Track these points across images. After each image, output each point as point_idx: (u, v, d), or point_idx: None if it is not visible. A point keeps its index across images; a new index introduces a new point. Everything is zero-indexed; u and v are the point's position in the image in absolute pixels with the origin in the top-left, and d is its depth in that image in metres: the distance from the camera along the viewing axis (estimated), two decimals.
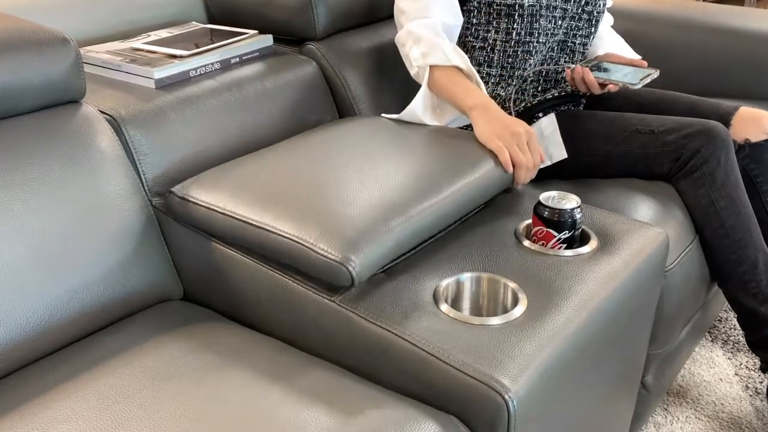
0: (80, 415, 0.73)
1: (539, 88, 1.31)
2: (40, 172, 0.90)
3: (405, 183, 0.93)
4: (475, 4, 1.23)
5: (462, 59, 1.13)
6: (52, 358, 0.86)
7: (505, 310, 0.84)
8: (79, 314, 0.89)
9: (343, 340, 0.82)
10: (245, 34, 1.29)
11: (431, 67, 1.12)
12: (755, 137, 1.19)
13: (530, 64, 1.25)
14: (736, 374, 1.43)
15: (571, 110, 1.28)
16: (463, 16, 1.25)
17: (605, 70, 1.19)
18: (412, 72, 1.18)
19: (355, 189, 0.91)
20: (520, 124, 1.04)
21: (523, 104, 1.28)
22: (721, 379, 1.41)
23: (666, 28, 1.65)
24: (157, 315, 0.94)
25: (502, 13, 1.21)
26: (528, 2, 1.19)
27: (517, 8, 1.19)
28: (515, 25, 1.21)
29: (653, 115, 1.22)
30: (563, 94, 1.28)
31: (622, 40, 1.35)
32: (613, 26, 1.45)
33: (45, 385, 0.79)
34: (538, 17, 1.20)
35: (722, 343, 1.52)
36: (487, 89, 1.26)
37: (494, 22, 1.22)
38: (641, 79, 1.14)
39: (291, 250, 0.83)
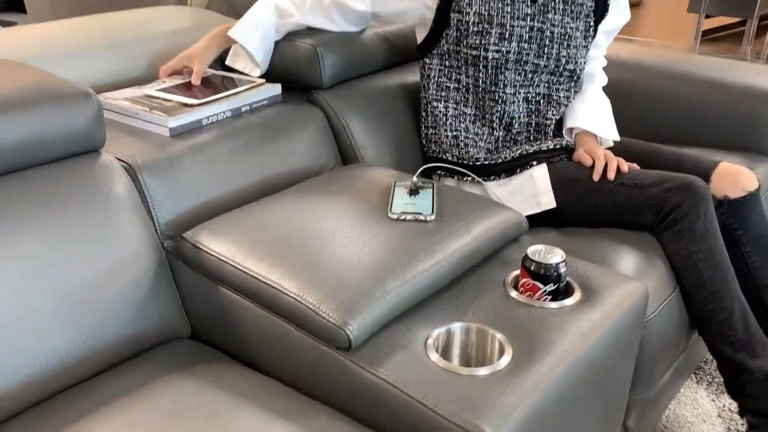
0: None
1: (531, 136, 1.38)
2: (62, 218, 0.97)
3: (403, 245, 1.00)
4: (445, 48, 1.32)
5: None
6: (68, 393, 0.92)
7: (492, 360, 0.90)
8: (94, 353, 0.95)
9: (340, 385, 0.88)
10: (255, 81, 1.37)
11: None
12: (733, 194, 1.26)
13: (498, 112, 1.33)
14: (719, 416, 1.48)
15: (562, 161, 1.35)
16: (436, 59, 1.34)
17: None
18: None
19: (357, 250, 0.98)
20: None
21: (519, 151, 1.35)
22: (704, 420, 1.47)
23: (655, 77, 1.73)
24: (167, 354, 1.01)
25: (469, 62, 1.29)
26: (492, 56, 1.27)
27: (481, 59, 1.28)
28: (480, 74, 1.29)
29: (638, 168, 1.29)
30: (558, 147, 1.36)
31: (608, 106, 1.43)
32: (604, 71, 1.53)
33: (63, 421, 0.85)
34: (503, 69, 1.28)
35: (707, 385, 1.57)
36: (465, 127, 1.34)
37: (463, 68, 1.31)
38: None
39: (294, 309, 0.90)
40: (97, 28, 1.46)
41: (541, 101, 1.36)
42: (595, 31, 1.37)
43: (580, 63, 1.35)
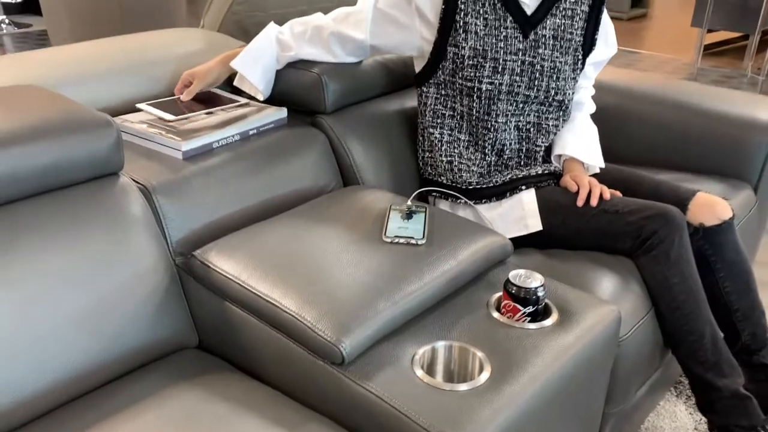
0: None
1: (521, 162, 1.47)
2: (84, 237, 1.06)
3: (394, 268, 1.09)
4: (441, 79, 1.41)
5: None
6: (87, 398, 1.01)
7: (473, 377, 0.99)
8: (111, 361, 1.05)
9: (333, 396, 0.97)
10: (263, 105, 1.46)
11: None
12: (709, 222, 1.34)
13: (490, 139, 1.41)
14: (695, 429, 1.56)
15: (550, 186, 1.43)
16: (433, 87, 1.43)
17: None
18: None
19: (352, 272, 1.07)
20: None
21: (509, 176, 1.43)
22: None
23: (645, 103, 1.81)
24: (176, 363, 1.10)
25: (463, 92, 1.38)
26: (485, 87, 1.36)
27: (475, 90, 1.37)
28: (473, 104, 1.38)
29: (620, 195, 1.37)
30: (546, 172, 1.44)
31: (595, 134, 1.51)
32: (594, 98, 1.61)
33: (84, 424, 0.94)
34: (496, 100, 1.37)
35: (686, 399, 1.65)
36: (459, 152, 1.43)
37: (458, 97, 1.40)
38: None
39: (293, 325, 0.99)
40: (115, 52, 1.55)
41: (532, 129, 1.45)
42: (583, 63, 1.45)
43: (569, 94, 1.44)
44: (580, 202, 1.34)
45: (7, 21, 5.27)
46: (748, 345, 1.39)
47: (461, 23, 1.34)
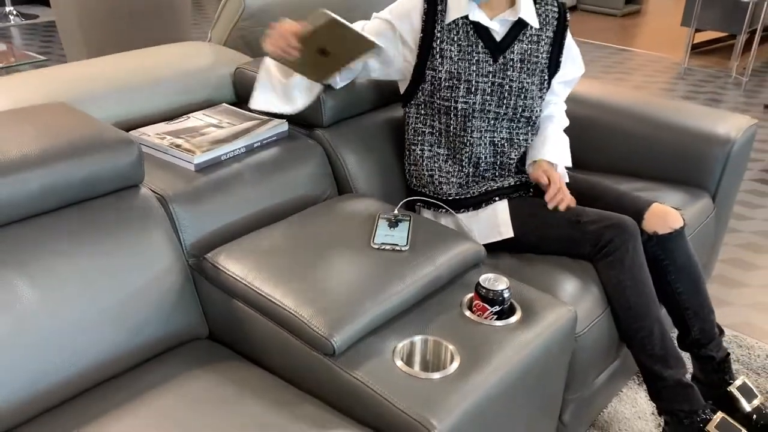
0: (139, 429, 1.05)
1: (496, 173, 1.63)
2: (110, 241, 1.22)
3: (380, 272, 1.25)
4: (421, 99, 1.57)
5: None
6: (112, 382, 1.17)
7: (445, 367, 1.16)
8: (133, 350, 1.21)
9: (326, 382, 1.14)
10: (267, 118, 1.62)
11: None
12: (662, 230, 1.50)
13: (467, 153, 1.56)
14: (652, 413, 1.74)
15: (522, 197, 1.60)
16: (413, 108, 1.59)
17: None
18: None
19: (343, 275, 1.23)
20: None
21: (485, 187, 1.60)
22: (639, 417, 1.73)
23: (616, 116, 1.96)
24: (189, 352, 1.27)
25: (441, 110, 1.55)
26: (461, 106, 1.52)
27: (452, 109, 1.53)
28: (450, 122, 1.54)
29: (582, 206, 1.53)
30: (518, 183, 1.60)
31: (566, 143, 1.67)
32: (568, 111, 1.76)
33: (110, 405, 1.11)
34: (470, 118, 1.53)
35: (646, 388, 1.83)
36: (439, 166, 1.59)
37: (436, 116, 1.56)
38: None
39: (291, 321, 1.16)
40: (129, 68, 1.69)
41: (506, 144, 1.61)
42: (549, 83, 1.61)
43: (536, 111, 1.60)
44: (547, 198, 1.49)
45: (14, 12, 5.37)
46: (698, 339, 1.57)
47: (438, 49, 1.50)
